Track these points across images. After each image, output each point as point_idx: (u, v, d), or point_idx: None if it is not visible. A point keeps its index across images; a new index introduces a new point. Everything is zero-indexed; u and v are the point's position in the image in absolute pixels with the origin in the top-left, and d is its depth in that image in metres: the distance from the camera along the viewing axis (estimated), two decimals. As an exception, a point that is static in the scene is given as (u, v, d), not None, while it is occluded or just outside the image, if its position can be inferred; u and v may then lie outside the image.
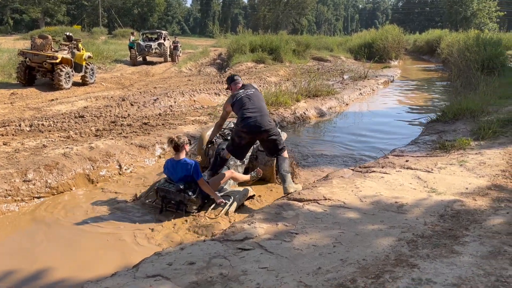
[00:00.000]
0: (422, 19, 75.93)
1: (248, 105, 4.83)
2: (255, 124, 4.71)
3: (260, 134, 4.79)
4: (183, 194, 4.38)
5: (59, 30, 30.36)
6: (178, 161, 4.48)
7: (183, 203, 4.43)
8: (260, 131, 4.75)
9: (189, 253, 3.09)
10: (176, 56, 21.92)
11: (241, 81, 5.26)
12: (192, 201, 4.47)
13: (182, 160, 4.46)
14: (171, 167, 4.54)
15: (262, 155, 5.44)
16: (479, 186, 4.39)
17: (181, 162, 4.46)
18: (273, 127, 4.87)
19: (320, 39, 31.38)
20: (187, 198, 4.39)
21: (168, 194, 4.46)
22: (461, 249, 2.96)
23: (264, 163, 5.48)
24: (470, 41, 15.52)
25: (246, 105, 4.83)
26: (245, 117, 4.74)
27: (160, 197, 4.55)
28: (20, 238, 4.14)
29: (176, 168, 4.49)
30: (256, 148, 5.56)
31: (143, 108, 9.29)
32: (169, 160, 4.66)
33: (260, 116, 4.77)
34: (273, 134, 4.84)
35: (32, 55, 11.94)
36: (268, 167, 5.47)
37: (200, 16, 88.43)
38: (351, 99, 12.20)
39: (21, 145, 6.18)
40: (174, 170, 4.51)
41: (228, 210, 4.43)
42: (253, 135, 4.80)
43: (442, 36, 28.52)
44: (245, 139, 4.82)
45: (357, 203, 4.03)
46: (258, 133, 4.77)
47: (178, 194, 4.39)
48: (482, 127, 6.54)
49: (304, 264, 2.85)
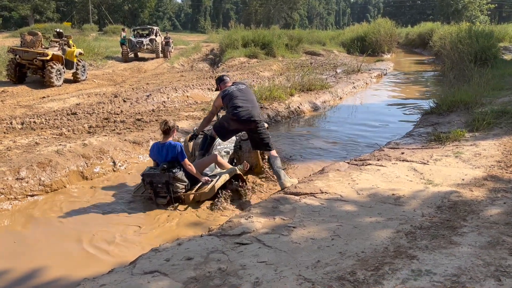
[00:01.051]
0: (413, 12, 76.03)
1: (239, 97, 5.00)
2: (246, 113, 4.88)
3: (250, 124, 4.93)
4: (167, 173, 4.45)
5: (49, 27, 30.04)
6: (164, 144, 4.61)
7: (169, 183, 4.48)
8: (250, 121, 4.91)
9: (186, 248, 3.06)
10: (168, 52, 21.77)
11: (230, 80, 5.45)
12: (177, 179, 4.51)
13: (167, 143, 4.60)
14: (157, 150, 4.67)
15: (246, 144, 5.52)
16: (475, 177, 4.40)
17: (166, 144, 4.60)
18: (262, 120, 5.09)
19: (312, 33, 31.28)
20: (172, 176, 4.46)
21: (154, 178, 4.52)
22: (459, 239, 2.96)
23: (248, 151, 5.54)
24: (462, 33, 15.54)
25: (237, 97, 4.99)
26: (237, 105, 4.90)
27: (147, 184, 4.59)
28: (14, 237, 4.07)
29: (161, 150, 4.62)
30: (239, 139, 5.66)
31: (136, 105, 9.20)
32: (155, 143, 4.80)
33: (252, 107, 4.96)
34: (261, 127, 5.02)
35: (22, 52, 11.79)
36: (252, 153, 5.53)
37: (191, 11, 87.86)
38: (345, 92, 12.19)
39: (13, 143, 6.10)
40: (159, 153, 4.64)
41: (215, 185, 4.55)
42: (243, 124, 4.95)
43: (434, 29, 28.56)
44: (233, 126, 5.00)
45: (354, 196, 4.02)
46: (248, 122, 4.91)
47: (163, 174, 4.46)
48: (476, 119, 6.56)
49: (302, 257, 2.83)
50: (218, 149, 5.51)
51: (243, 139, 5.57)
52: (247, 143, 5.44)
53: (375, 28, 26.97)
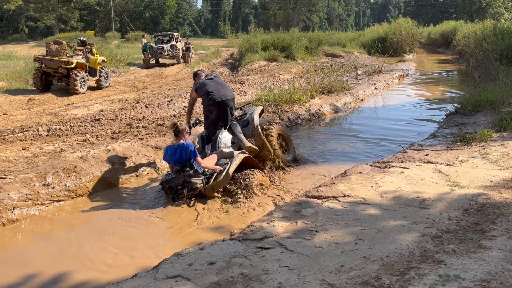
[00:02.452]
0: (435, 11, 74.72)
1: (210, 84, 5.61)
2: (219, 95, 5.43)
3: (225, 104, 5.48)
4: (182, 173, 4.71)
5: (73, 36, 30.76)
6: (177, 146, 4.86)
7: (186, 182, 4.71)
8: (224, 101, 5.46)
9: (208, 253, 3.06)
10: (188, 57, 21.98)
11: (204, 74, 6.02)
12: (193, 176, 4.73)
13: (180, 144, 4.85)
14: (171, 152, 4.89)
15: (247, 130, 5.76)
16: (504, 179, 4.26)
17: (180, 145, 4.84)
18: (233, 97, 5.67)
19: (332, 35, 31.10)
20: (187, 174, 4.71)
21: (172, 182, 4.80)
22: (488, 243, 2.86)
23: (251, 135, 5.72)
24: (487, 31, 15.15)
25: (208, 84, 5.59)
26: (209, 91, 5.47)
27: (168, 190, 4.86)
28: (43, 242, 4.16)
29: (176, 152, 4.85)
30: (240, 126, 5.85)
31: (158, 110, 9.31)
32: (168, 146, 5.04)
33: (222, 89, 5.57)
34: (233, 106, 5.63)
35: (48, 61, 12.10)
36: (256, 136, 5.70)
37: (211, 17, 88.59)
38: (366, 94, 12.04)
39: (39, 150, 6.25)
40: (174, 155, 4.86)
41: (228, 171, 4.86)
42: (219, 105, 5.46)
43: (457, 27, 28.00)
44: (214, 112, 5.51)
45: (378, 199, 3.94)
46: (223, 103, 5.46)
47: (179, 175, 4.72)
48: (503, 118, 6.37)
49: (326, 262, 2.79)
50: (224, 142, 5.54)
51: (243, 126, 5.79)
52: (248, 129, 5.74)
53: (396, 28, 26.54)
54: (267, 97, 9.43)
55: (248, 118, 5.84)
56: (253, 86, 11.89)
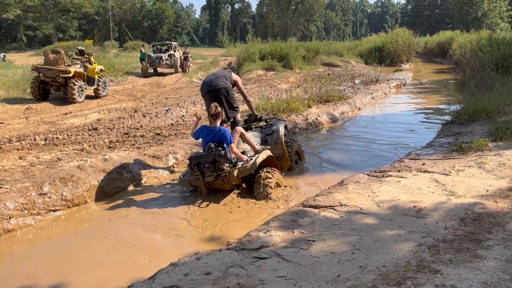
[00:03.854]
0: (432, 21, 75.45)
1: (207, 77, 5.95)
2: (209, 85, 5.65)
3: (216, 92, 5.62)
4: (214, 152, 4.87)
5: (71, 45, 30.93)
6: (214, 128, 5.07)
7: (216, 161, 4.83)
8: (215, 89, 5.62)
9: (205, 263, 3.05)
10: (186, 66, 22.08)
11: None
12: (223, 157, 4.86)
13: (217, 127, 5.07)
14: (206, 132, 5.11)
15: (271, 138, 5.98)
16: (500, 188, 4.27)
17: (216, 128, 5.06)
18: (228, 86, 5.75)
19: (329, 44, 31.35)
20: (219, 154, 4.86)
21: (201, 159, 4.88)
22: (485, 253, 2.87)
23: (273, 143, 5.92)
24: (482, 41, 15.30)
25: (205, 80, 5.88)
26: (204, 82, 5.81)
27: (194, 166, 4.91)
28: (38, 252, 4.14)
29: (211, 133, 5.07)
30: (264, 134, 6.04)
31: (156, 119, 9.33)
32: (203, 126, 5.21)
33: (214, 79, 5.75)
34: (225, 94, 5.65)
35: (46, 70, 12.14)
36: (278, 145, 5.92)
37: (209, 26, 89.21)
38: (363, 103, 12.10)
39: (36, 159, 6.24)
40: (208, 135, 5.08)
41: (256, 161, 5.07)
42: (208, 94, 5.65)
43: (453, 37, 28.23)
44: (207, 102, 5.68)
45: (374, 208, 3.95)
46: (214, 91, 5.62)
47: (210, 153, 4.87)
48: (499, 128, 6.40)
49: (322, 272, 2.79)
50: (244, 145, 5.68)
51: (268, 134, 5.98)
52: (272, 137, 5.94)
53: (393, 38, 26.78)
54: (264, 106, 9.46)
55: (273, 129, 6.09)
56: (251, 95, 11.93)
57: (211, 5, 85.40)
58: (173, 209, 5.02)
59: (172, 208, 5.04)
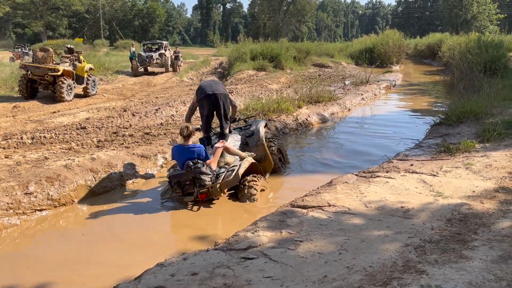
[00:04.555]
0: (422, 23, 76.08)
1: (204, 82, 6.04)
2: (209, 89, 5.62)
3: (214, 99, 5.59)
4: (193, 169, 4.75)
5: (61, 43, 30.62)
6: (187, 147, 4.93)
7: (196, 178, 4.73)
8: (212, 95, 5.58)
9: (192, 263, 3.03)
10: (177, 66, 21.98)
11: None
12: (203, 173, 4.76)
13: (190, 146, 4.94)
14: (180, 152, 4.96)
15: (251, 140, 5.88)
16: (486, 189, 4.32)
17: (190, 146, 4.93)
18: (227, 94, 5.78)
19: (320, 45, 31.42)
20: (198, 171, 4.74)
21: (180, 177, 4.78)
22: (470, 253, 2.89)
23: (254, 145, 5.82)
24: (471, 43, 15.47)
25: (202, 84, 5.93)
26: (201, 87, 5.76)
27: (175, 184, 4.82)
28: (23, 252, 4.09)
29: (184, 152, 4.91)
30: (244, 136, 5.95)
31: (145, 118, 9.27)
32: (176, 146, 5.10)
33: (214, 85, 5.82)
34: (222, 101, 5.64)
35: (34, 68, 11.98)
36: (259, 146, 5.80)
37: (201, 26, 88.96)
38: (353, 104, 12.15)
39: (22, 158, 6.16)
40: (182, 154, 4.92)
41: (238, 172, 4.97)
42: (209, 99, 5.59)
43: (443, 39, 28.49)
44: (205, 108, 5.66)
45: (362, 209, 3.96)
46: (211, 96, 5.58)
47: (189, 171, 4.72)
48: (487, 129, 6.47)
49: (309, 272, 2.79)
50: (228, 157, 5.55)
51: (248, 136, 5.89)
52: (252, 138, 5.83)
53: (384, 39, 26.94)
54: (255, 106, 9.45)
55: (253, 129, 5.97)
56: (241, 95, 11.92)
57: (202, 5, 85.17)
58: (160, 209, 5.00)
59: (159, 208, 5.01)
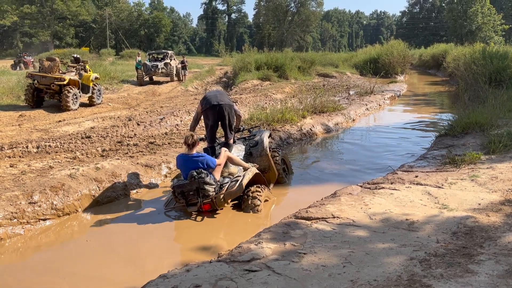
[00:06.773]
0: (427, 33, 76.17)
1: (209, 92, 6.06)
2: (215, 99, 5.63)
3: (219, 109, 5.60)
4: (197, 180, 4.70)
5: (67, 53, 30.97)
6: (191, 156, 4.91)
7: (200, 189, 4.70)
8: (217, 105, 5.59)
9: (195, 275, 3.01)
10: (183, 75, 22.10)
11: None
12: (207, 183, 4.72)
13: (194, 154, 4.91)
14: (184, 161, 4.94)
15: (255, 150, 5.86)
16: (492, 202, 4.28)
17: (194, 155, 4.91)
18: (232, 104, 5.82)
19: (325, 55, 31.53)
20: (202, 181, 4.70)
21: (184, 187, 4.74)
22: (476, 268, 2.85)
23: (258, 155, 5.80)
24: (476, 54, 15.46)
25: (207, 94, 5.95)
26: (206, 97, 5.77)
27: (178, 195, 4.78)
28: (26, 261, 4.08)
29: (188, 161, 4.89)
30: (248, 146, 5.93)
31: (150, 128, 9.30)
32: (180, 155, 5.07)
33: (220, 95, 5.84)
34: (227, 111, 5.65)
35: (40, 77, 12.09)
36: (263, 157, 5.79)
37: (206, 35, 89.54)
38: (358, 114, 12.14)
39: (27, 167, 6.18)
40: (186, 164, 4.90)
41: (242, 183, 4.94)
42: (214, 109, 5.61)
43: (447, 50, 28.51)
44: (211, 118, 5.68)
45: (367, 221, 3.93)
46: (216, 106, 5.59)
47: (193, 181, 4.68)
48: (492, 141, 6.43)
49: (313, 285, 2.76)
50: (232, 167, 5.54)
51: (252, 146, 5.87)
52: (256, 149, 5.80)
53: (388, 49, 26.98)
54: (259, 116, 9.46)
55: (257, 139, 5.95)
56: (246, 105, 11.95)
57: (208, 15, 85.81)
58: (164, 219, 4.99)
59: (163, 219, 5.00)
